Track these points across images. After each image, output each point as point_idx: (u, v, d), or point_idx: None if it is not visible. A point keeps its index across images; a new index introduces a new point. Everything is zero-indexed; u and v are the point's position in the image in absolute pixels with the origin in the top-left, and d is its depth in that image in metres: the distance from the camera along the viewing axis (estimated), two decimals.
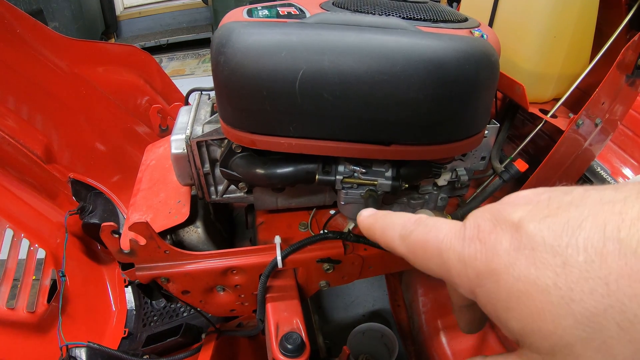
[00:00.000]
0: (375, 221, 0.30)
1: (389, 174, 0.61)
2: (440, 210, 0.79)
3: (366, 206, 0.65)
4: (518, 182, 0.81)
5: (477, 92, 0.48)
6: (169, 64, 3.85)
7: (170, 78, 1.33)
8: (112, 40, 3.84)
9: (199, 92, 0.85)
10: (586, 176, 0.97)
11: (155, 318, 1.12)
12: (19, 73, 0.99)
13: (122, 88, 1.23)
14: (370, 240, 0.84)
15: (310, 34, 0.46)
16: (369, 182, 0.61)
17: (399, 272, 1.30)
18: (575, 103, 0.81)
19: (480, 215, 0.23)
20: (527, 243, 0.20)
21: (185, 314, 1.12)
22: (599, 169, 0.97)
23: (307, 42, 0.46)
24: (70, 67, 1.08)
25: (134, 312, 1.13)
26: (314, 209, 0.86)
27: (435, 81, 0.45)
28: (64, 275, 0.96)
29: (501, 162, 0.82)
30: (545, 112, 0.77)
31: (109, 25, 3.76)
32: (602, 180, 0.95)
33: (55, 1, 2.92)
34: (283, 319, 0.68)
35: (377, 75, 0.44)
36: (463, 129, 0.52)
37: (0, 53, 0.94)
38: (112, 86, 1.19)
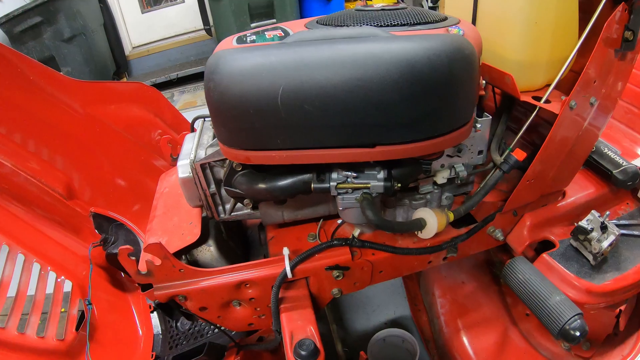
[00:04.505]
0: None
1: (380, 175, 0.63)
2: (443, 209, 0.79)
3: (362, 210, 0.66)
4: (521, 171, 0.81)
5: (452, 86, 0.50)
6: (181, 97, 3.98)
7: (183, 111, 1.39)
8: (124, 79, 4.01)
9: (202, 119, 0.90)
10: (593, 158, 0.95)
11: (181, 340, 1.15)
12: (37, 117, 1.06)
13: (134, 123, 1.29)
14: (377, 245, 0.83)
15: (287, 52, 0.49)
16: (362, 185, 0.63)
17: (417, 276, 1.29)
18: (571, 86, 0.80)
19: None
20: None
21: (209, 334, 1.15)
22: (606, 150, 0.95)
23: (285, 60, 0.49)
24: (83, 108, 1.16)
25: (161, 336, 1.16)
26: (321, 220, 0.87)
27: (408, 80, 0.47)
28: (90, 304, 1.01)
29: (502, 154, 0.82)
30: (539, 99, 0.77)
31: (119, 65, 3.94)
32: (610, 161, 0.93)
33: (66, 47, 3.09)
34: (297, 327, 0.69)
35: (351, 82, 0.46)
36: (445, 123, 0.53)
37: (17, 99, 1.02)
38: (124, 122, 1.26)
